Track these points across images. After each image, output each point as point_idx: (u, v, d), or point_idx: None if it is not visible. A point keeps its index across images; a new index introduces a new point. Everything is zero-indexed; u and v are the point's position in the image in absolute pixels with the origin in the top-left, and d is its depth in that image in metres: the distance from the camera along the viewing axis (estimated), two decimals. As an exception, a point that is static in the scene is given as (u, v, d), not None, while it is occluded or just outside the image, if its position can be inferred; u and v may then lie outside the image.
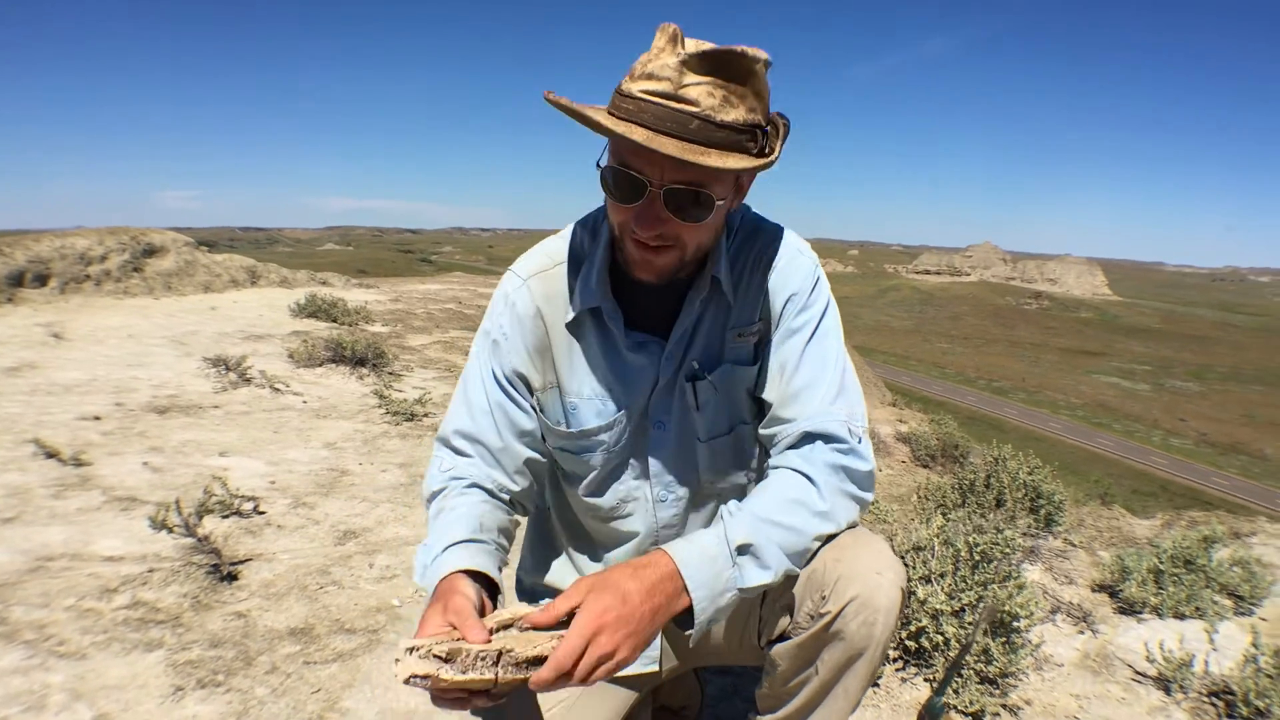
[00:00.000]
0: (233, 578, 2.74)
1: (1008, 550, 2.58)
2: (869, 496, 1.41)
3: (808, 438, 1.41)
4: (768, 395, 1.48)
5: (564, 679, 1.12)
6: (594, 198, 1.43)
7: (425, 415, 5.16)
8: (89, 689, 2.05)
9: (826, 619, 1.33)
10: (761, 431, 1.50)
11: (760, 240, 1.49)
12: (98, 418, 4.46)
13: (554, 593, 1.69)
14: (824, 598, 1.33)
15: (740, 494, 1.57)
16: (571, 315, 1.47)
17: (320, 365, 6.35)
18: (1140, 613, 2.97)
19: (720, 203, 1.28)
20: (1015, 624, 2.38)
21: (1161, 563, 3.09)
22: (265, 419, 4.82)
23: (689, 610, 1.22)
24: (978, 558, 2.50)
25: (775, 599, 1.45)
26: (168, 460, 3.88)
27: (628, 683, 1.64)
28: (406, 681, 1.08)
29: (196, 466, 3.85)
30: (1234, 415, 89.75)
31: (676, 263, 1.34)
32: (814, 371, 1.44)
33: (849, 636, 1.33)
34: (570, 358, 1.50)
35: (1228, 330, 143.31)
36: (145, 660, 2.21)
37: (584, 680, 1.13)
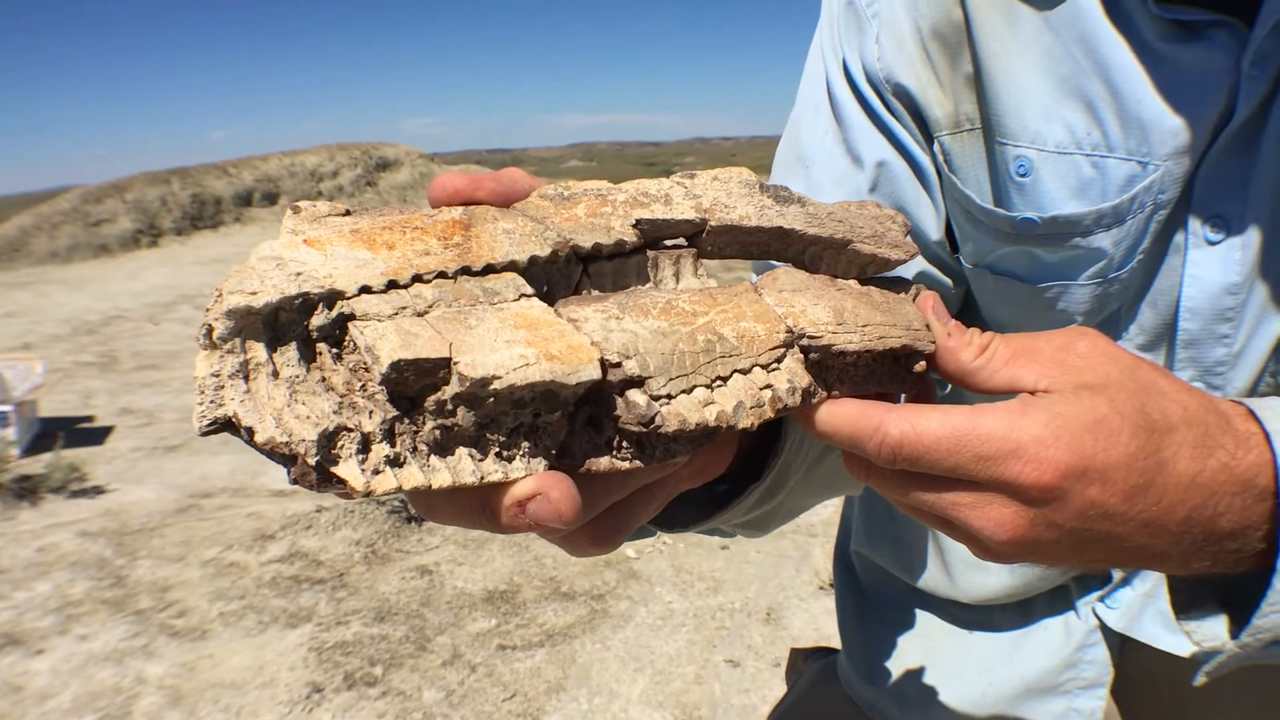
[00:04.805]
0: (423, 519, 2.09)
1: None
2: None
3: None
4: None
5: (862, 470, 0.41)
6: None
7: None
8: (194, 688, 1.44)
9: None
10: None
11: None
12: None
13: (904, 589, 0.84)
14: None
15: None
16: None
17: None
18: None
19: None
20: None
21: None
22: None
23: (1237, 590, 0.44)
24: None
25: None
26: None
27: None
28: (205, 435, 0.28)
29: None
30: None
31: None
32: None
33: None
34: (1015, 55, 0.62)
35: None
36: (283, 641, 1.57)
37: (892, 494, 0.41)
